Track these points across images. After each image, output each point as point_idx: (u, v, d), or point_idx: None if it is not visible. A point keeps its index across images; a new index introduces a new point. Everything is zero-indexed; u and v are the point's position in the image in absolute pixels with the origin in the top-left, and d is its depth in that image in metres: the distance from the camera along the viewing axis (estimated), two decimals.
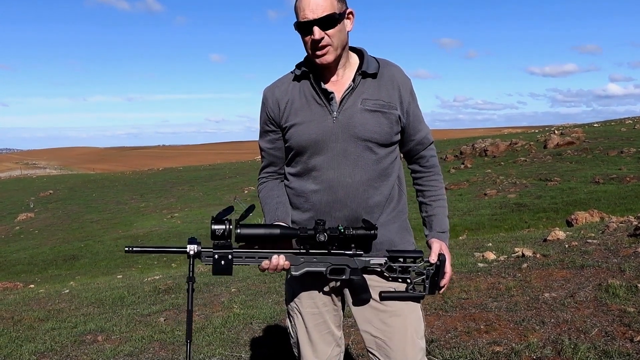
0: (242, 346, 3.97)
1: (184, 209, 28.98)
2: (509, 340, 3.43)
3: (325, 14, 1.75)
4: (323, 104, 1.86)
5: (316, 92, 1.87)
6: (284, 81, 1.95)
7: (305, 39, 1.80)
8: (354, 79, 1.86)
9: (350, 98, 1.85)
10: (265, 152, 2.00)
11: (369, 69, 1.87)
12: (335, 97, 1.85)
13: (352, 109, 1.85)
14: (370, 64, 1.88)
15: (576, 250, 5.37)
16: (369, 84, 1.88)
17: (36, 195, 42.04)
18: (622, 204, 13.74)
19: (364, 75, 1.87)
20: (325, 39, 1.77)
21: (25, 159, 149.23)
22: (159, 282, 6.81)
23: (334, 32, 1.78)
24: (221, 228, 1.70)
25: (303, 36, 1.81)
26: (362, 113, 1.84)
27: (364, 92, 1.86)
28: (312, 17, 1.75)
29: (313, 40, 1.77)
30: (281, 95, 1.91)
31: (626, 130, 29.72)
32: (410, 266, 1.87)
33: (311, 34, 1.77)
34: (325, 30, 1.76)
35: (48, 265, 17.67)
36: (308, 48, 1.82)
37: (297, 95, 1.90)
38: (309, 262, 1.81)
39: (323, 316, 1.98)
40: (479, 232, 12.32)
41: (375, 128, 1.84)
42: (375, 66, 1.89)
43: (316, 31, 1.76)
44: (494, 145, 28.98)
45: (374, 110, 1.85)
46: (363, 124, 1.84)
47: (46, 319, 5.38)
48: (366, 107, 1.85)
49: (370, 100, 1.86)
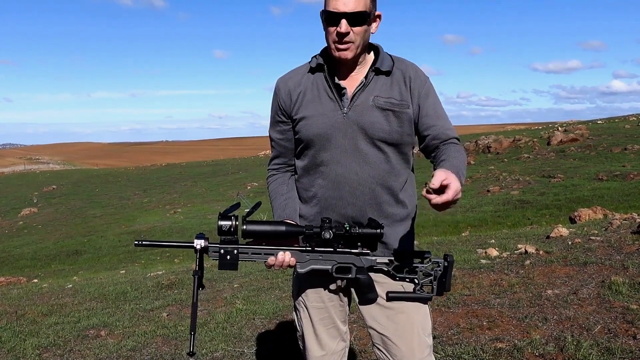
0: (245, 341, 3.97)
1: (187, 204, 29.04)
2: (512, 337, 3.43)
3: (357, 10, 1.72)
4: (334, 99, 1.84)
5: (329, 86, 1.85)
6: (299, 72, 1.92)
7: (330, 29, 1.76)
8: (367, 76, 1.84)
9: (362, 95, 1.83)
10: (275, 143, 1.98)
11: (382, 66, 1.84)
12: (347, 93, 1.83)
13: (363, 106, 1.82)
14: (384, 61, 1.85)
15: (579, 247, 5.36)
16: (382, 81, 1.85)
17: (40, 190, 42.18)
18: (625, 201, 13.70)
19: (377, 72, 1.85)
20: (350, 35, 1.74)
21: (29, 154, 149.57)
22: (162, 277, 6.82)
23: (360, 30, 1.75)
24: (227, 224, 1.71)
25: (327, 26, 1.77)
26: (372, 110, 1.81)
27: (376, 89, 1.83)
28: (343, 9, 1.72)
29: (338, 32, 1.74)
30: (294, 86, 1.89)
31: (630, 127, 29.61)
32: (417, 266, 1.85)
33: (337, 26, 1.74)
34: (353, 26, 1.74)
35: (51, 260, 17.74)
36: (330, 39, 1.78)
37: (309, 87, 1.88)
38: (314, 259, 1.80)
39: (328, 311, 1.98)
40: (482, 228, 12.31)
41: (385, 127, 1.82)
42: (389, 64, 1.86)
43: (343, 24, 1.72)
44: (497, 141, 28.92)
45: (385, 109, 1.81)
46: (373, 122, 1.81)
47: (49, 313, 5.40)
48: (377, 105, 1.82)
49: (382, 97, 1.82)
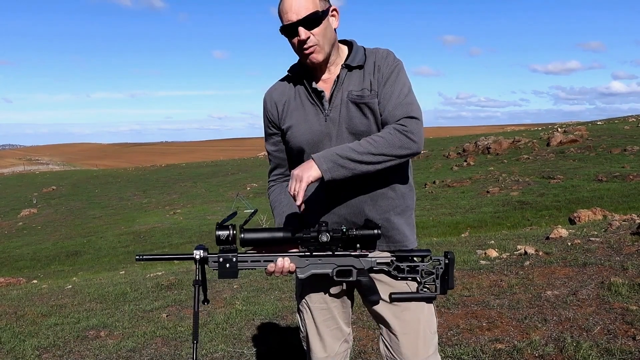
0: (245, 342, 3.97)
1: (187, 205, 29.05)
2: (511, 337, 3.43)
3: (308, 13, 1.74)
4: (315, 103, 1.86)
5: (308, 92, 1.87)
6: (281, 83, 1.96)
7: (293, 41, 1.80)
8: (339, 74, 1.85)
9: (338, 93, 1.84)
10: (271, 155, 2.02)
11: (353, 62, 1.84)
12: (325, 95, 1.85)
13: (340, 104, 1.83)
14: (356, 56, 1.86)
15: (579, 248, 5.36)
16: (355, 75, 1.85)
17: (39, 191, 42.18)
18: (625, 202, 13.72)
19: (349, 69, 1.85)
20: (311, 39, 1.76)
21: (29, 155, 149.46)
22: (162, 278, 6.82)
23: (319, 30, 1.77)
24: (225, 233, 1.73)
25: (290, 39, 1.81)
26: (348, 106, 1.82)
27: (350, 84, 1.84)
28: (295, 18, 1.74)
29: (299, 41, 1.77)
30: (278, 98, 1.92)
31: (629, 129, 29.64)
32: (418, 265, 1.85)
33: (297, 36, 1.76)
34: (310, 29, 1.76)
35: (51, 260, 17.74)
36: (296, 50, 1.82)
37: (292, 96, 1.91)
38: (314, 264, 1.80)
39: (331, 312, 1.98)
40: (482, 229, 12.32)
41: (363, 120, 1.81)
42: (361, 58, 1.85)
43: (301, 32, 1.75)
44: (497, 142, 28.96)
45: (359, 103, 1.81)
46: (351, 117, 1.82)
47: (49, 314, 5.40)
48: (351, 100, 1.82)
49: (355, 92, 1.83)
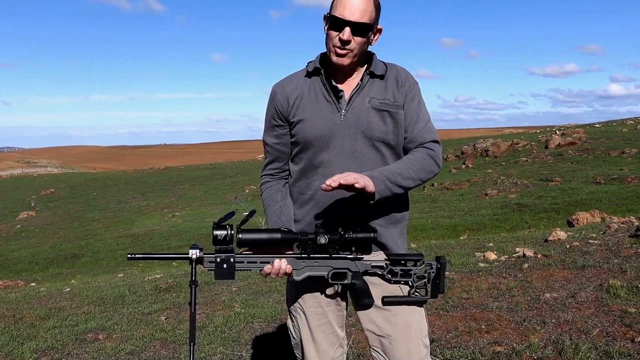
0: (243, 345, 3.97)
1: (185, 208, 29.01)
2: (510, 340, 3.43)
3: (362, 21, 1.76)
4: (332, 101, 1.88)
5: (326, 89, 1.89)
6: (295, 77, 1.96)
7: (332, 34, 1.80)
8: (362, 79, 1.89)
9: (359, 97, 1.87)
10: (271, 147, 2.00)
11: (377, 70, 1.89)
12: (344, 95, 1.87)
13: (360, 108, 1.86)
14: (378, 66, 1.91)
15: (577, 251, 5.36)
16: (376, 84, 1.90)
17: (37, 193, 42.08)
18: (623, 205, 13.73)
19: (372, 76, 1.90)
20: (351, 44, 1.78)
21: (27, 157, 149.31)
22: (160, 280, 6.81)
23: (361, 40, 1.80)
24: (222, 233, 1.72)
25: (331, 30, 1.80)
26: (369, 112, 1.86)
27: (372, 91, 1.88)
28: (349, 17, 1.75)
29: (340, 39, 1.78)
30: (291, 91, 1.92)
31: (627, 131, 29.69)
32: (411, 269, 1.87)
33: (340, 32, 1.77)
34: (355, 35, 1.78)
35: (49, 263, 17.68)
36: (331, 44, 1.82)
37: (306, 91, 1.91)
38: (310, 266, 1.81)
39: (327, 316, 1.97)
40: (480, 232, 12.32)
41: (382, 127, 1.86)
42: (383, 68, 1.92)
43: (347, 32, 1.76)
44: (495, 145, 28.98)
45: (381, 110, 1.86)
46: (370, 123, 1.85)
47: (47, 317, 5.39)
48: (373, 106, 1.86)
49: (377, 99, 1.87)
